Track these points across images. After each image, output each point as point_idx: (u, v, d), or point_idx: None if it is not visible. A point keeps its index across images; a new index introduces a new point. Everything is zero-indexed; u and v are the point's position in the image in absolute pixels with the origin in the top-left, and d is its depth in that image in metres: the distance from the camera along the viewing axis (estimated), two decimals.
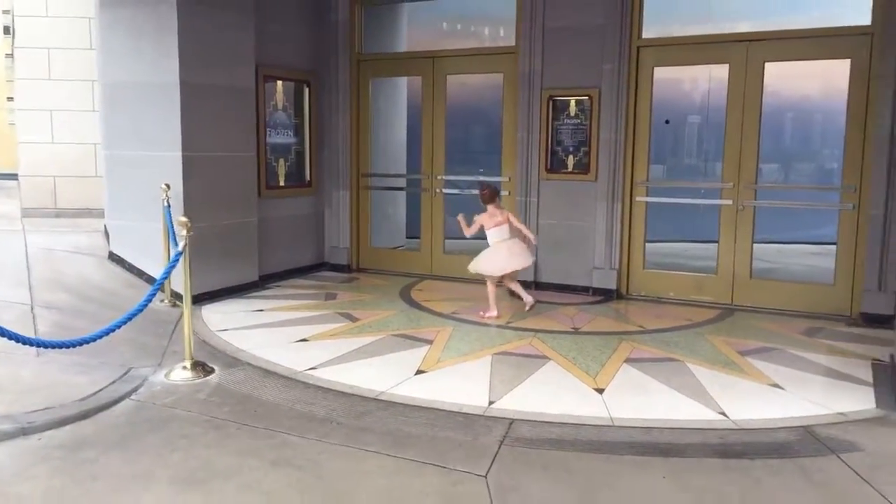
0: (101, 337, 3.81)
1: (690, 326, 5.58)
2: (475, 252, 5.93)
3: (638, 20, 6.30)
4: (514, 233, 5.82)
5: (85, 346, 3.83)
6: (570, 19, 6.49)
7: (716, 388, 4.14)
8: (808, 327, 5.54)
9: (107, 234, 6.65)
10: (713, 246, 6.41)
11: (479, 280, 6.04)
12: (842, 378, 4.35)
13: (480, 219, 5.76)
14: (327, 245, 7.92)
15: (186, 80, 5.81)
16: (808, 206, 6.49)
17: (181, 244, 4.13)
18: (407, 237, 8.86)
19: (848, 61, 5.65)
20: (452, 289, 6.95)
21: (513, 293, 6.11)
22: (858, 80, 5.62)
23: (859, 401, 3.96)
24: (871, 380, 4.31)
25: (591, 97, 6.46)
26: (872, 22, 5.51)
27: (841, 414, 3.76)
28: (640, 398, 4.01)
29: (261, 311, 5.89)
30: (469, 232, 5.76)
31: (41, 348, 4.09)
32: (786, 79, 7.21)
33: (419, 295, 6.65)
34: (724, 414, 3.76)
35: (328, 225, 7.90)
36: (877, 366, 4.55)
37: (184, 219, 4.18)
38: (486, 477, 3.04)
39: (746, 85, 5.98)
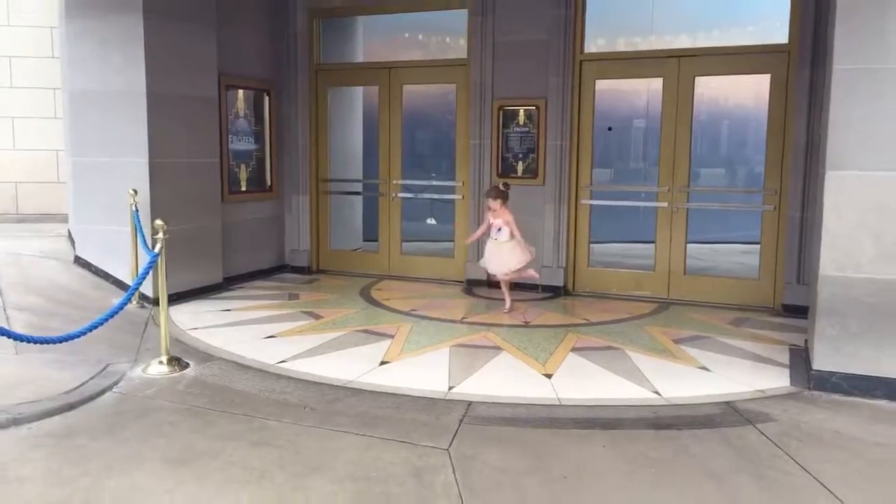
0: (84, 334, 4.06)
1: (630, 319, 6.06)
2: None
3: (580, 36, 6.79)
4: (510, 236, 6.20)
5: (61, 345, 4.07)
6: (518, 34, 6.93)
7: (651, 371, 4.61)
8: (736, 318, 6.09)
9: (71, 238, 6.80)
10: (652, 246, 6.93)
11: (434, 279, 6.42)
12: (762, 361, 4.87)
13: (500, 217, 6.16)
14: (288, 248, 8.19)
15: (153, 89, 6.04)
16: (735, 207, 7.08)
17: (157, 246, 4.39)
18: (364, 240, 9.18)
19: (768, 76, 6.23)
20: (410, 288, 7.32)
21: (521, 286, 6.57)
22: (777, 93, 6.21)
23: (776, 380, 4.47)
24: (787, 362, 4.84)
25: (538, 107, 6.91)
26: (789, 40, 6.10)
27: (759, 391, 4.26)
28: (584, 381, 4.45)
29: (228, 310, 6.15)
30: (476, 237, 6.49)
31: (22, 343, 4.28)
32: (720, 91, 7.81)
33: (378, 294, 6.99)
34: (657, 393, 4.22)
35: (289, 228, 8.17)
36: (794, 350, 5.09)
37: (160, 222, 4.45)
38: (448, 450, 3.41)
39: (679, 97, 6.52)
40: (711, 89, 6.89)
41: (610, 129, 10.25)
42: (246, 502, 2.93)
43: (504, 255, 6.18)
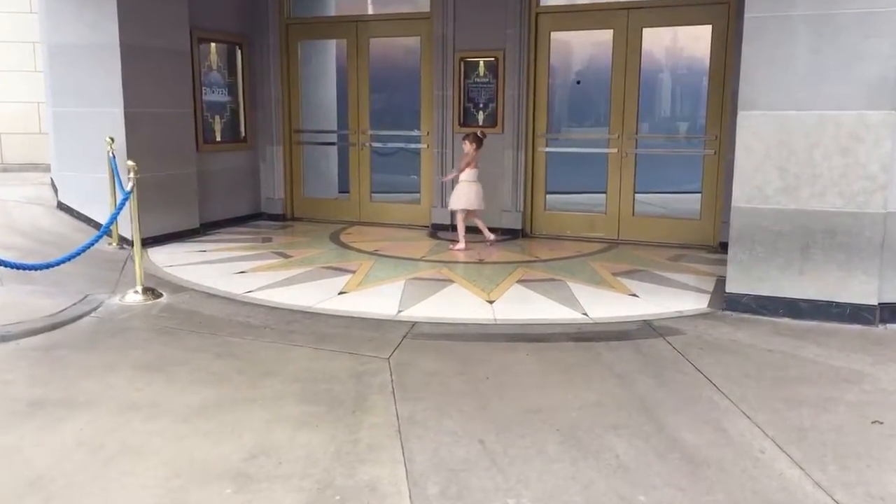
0: (60, 263, 4.48)
1: (579, 256, 6.51)
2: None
3: None
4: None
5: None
6: None
7: (585, 298, 5.07)
8: (676, 254, 6.56)
9: (54, 186, 7.16)
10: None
11: (403, 225, 6.86)
12: (688, 289, 5.34)
13: (466, 158, 6.71)
14: (263, 196, 8.58)
15: (125, 41, 6.35)
16: (679, 153, 7.49)
17: (129, 185, 4.77)
18: (340, 192, 9.54)
19: (710, 27, 6.58)
20: (378, 232, 7.73)
21: (477, 229, 6.98)
22: (718, 43, 6.57)
23: (696, 303, 4.95)
24: (711, 290, 5.30)
25: (497, 58, 7.25)
26: None
27: (678, 312, 4.73)
28: (522, 306, 4.91)
29: (203, 251, 6.56)
30: (452, 176, 6.94)
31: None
32: (667, 42, 8.14)
33: (347, 237, 7.41)
34: (585, 314, 4.68)
35: (264, 178, 8.54)
36: (719, 280, 5.55)
37: (131, 163, 4.82)
38: (388, 359, 3.87)
39: (628, 47, 6.88)
40: (659, 41, 7.23)
41: (578, 82, 10.58)
42: (207, 396, 3.38)
43: (471, 193, 6.64)
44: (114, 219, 4.86)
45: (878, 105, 4.21)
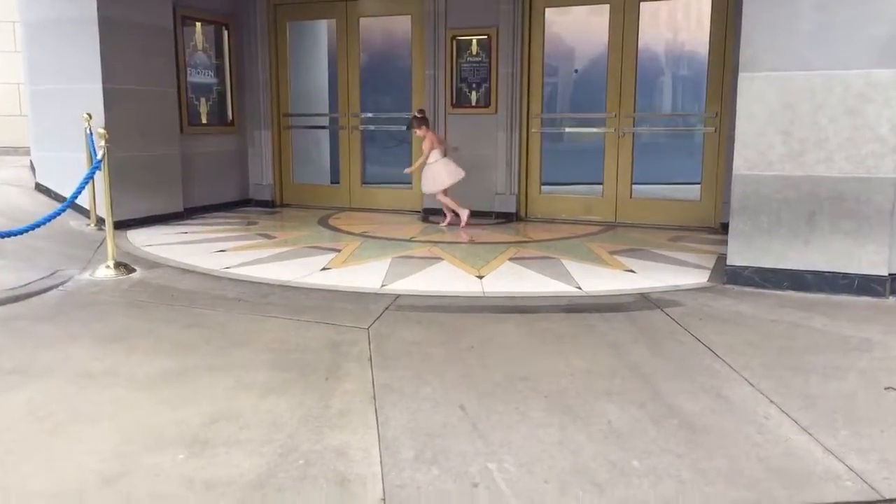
0: (23, 232, 4.25)
1: (574, 237, 6.28)
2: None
3: None
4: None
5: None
6: None
7: (579, 273, 4.84)
8: (675, 235, 6.33)
9: (32, 168, 6.94)
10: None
11: (394, 210, 6.66)
12: (688, 266, 5.11)
13: (425, 143, 6.55)
14: (252, 182, 8.35)
15: (105, 14, 6.13)
16: (679, 130, 7.27)
17: (100, 154, 4.55)
18: (332, 182, 9.31)
19: (709, 1, 6.36)
20: (369, 217, 7.51)
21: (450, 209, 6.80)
22: (718, 17, 6.35)
23: (695, 278, 4.71)
24: (711, 266, 5.07)
25: (489, 36, 7.03)
26: None
27: (675, 286, 4.49)
28: (513, 281, 4.67)
29: (185, 233, 6.33)
30: (416, 167, 6.66)
31: None
32: (666, 18, 7.91)
33: (336, 222, 7.18)
34: (579, 288, 4.45)
35: (252, 163, 8.31)
36: (720, 257, 5.31)
37: (101, 130, 4.60)
38: (367, 329, 3.63)
39: (625, 24, 6.66)
40: (657, 16, 7.01)
41: (576, 71, 10.34)
42: (170, 365, 3.14)
43: (439, 173, 6.43)
44: (81, 188, 4.63)
45: (887, 63, 3.98)
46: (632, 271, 4.91)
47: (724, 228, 6.38)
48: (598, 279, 4.68)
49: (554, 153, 7.30)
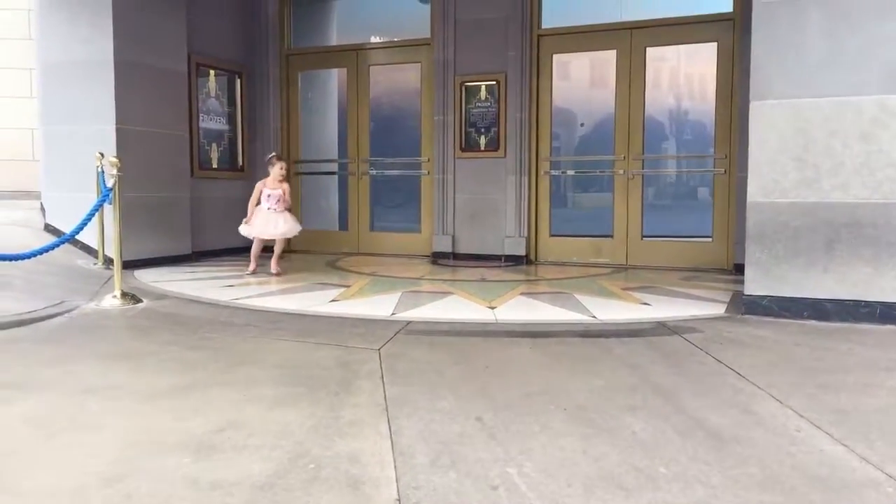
0: (31, 256, 4.20)
1: (585, 277, 6.21)
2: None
3: (538, 12, 7.04)
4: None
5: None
6: (478, 12, 7.19)
7: (593, 305, 4.74)
8: (688, 275, 6.24)
9: (43, 209, 6.95)
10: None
11: (403, 254, 6.62)
12: (704, 300, 5.01)
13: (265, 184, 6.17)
14: None
15: (120, 58, 6.25)
16: (688, 172, 7.28)
17: (111, 182, 4.54)
18: (340, 227, 9.30)
19: (715, 44, 6.46)
20: (378, 261, 7.45)
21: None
22: (724, 60, 6.44)
23: (712, 310, 4.61)
24: (727, 301, 4.97)
25: (498, 81, 7.13)
26: (733, 8, 6.35)
27: (693, 316, 4.39)
28: (525, 311, 4.59)
29: (192, 272, 6.28)
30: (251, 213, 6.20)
31: None
32: (671, 61, 8.03)
33: (344, 264, 7.14)
34: (594, 317, 4.35)
35: None
36: (736, 293, 5.23)
37: (114, 159, 4.61)
38: (379, 350, 3.53)
39: (632, 68, 6.76)
40: (663, 60, 7.12)
41: (582, 124, 10.46)
42: (175, 381, 3.04)
43: (287, 221, 6.25)
44: (91, 216, 4.61)
45: None
46: (647, 304, 4.82)
47: (738, 270, 6.34)
48: (612, 310, 4.58)
49: (562, 211, 7.25)
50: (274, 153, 6.55)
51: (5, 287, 4.82)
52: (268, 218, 6.17)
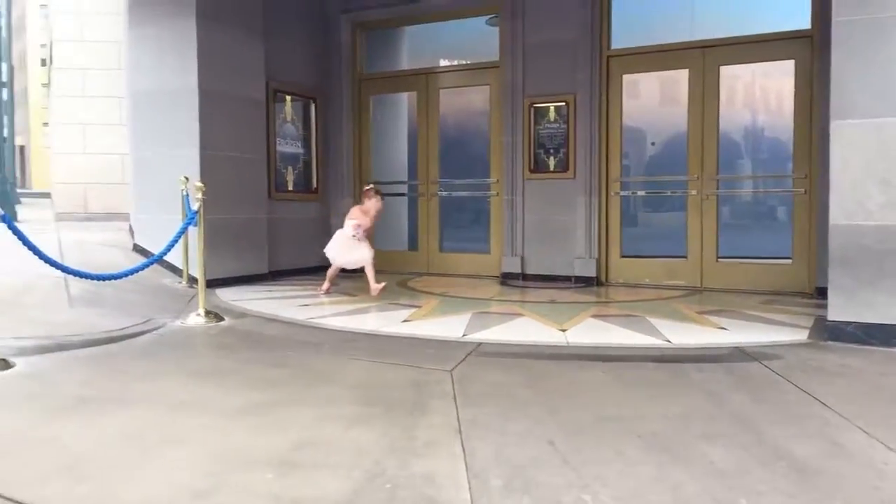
0: (122, 276, 4.44)
1: (658, 299, 6.10)
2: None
3: (607, 33, 7.03)
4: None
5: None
6: (546, 35, 7.23)
7: (667, 329, 4.66)
8: (767, 299, 6.05)
9: (132, 231, 7.34)
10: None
11: (472, 275, 6.68)
12: (784, 325, 4.85)
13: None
14: None
15: (204, 87, 6.56)
16: (765, 192, 7.07)
17: (196, 205, 4.77)
18: (409, 248, 9.43)
19: (792, 62, 6.30)
20: (447, 282, 7.52)
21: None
22: (802, 78, 6.27)
23: (793, 336, 4.46)
24: (809, 326, 4.81)
25: (567, 103, 7.14)
26: (812, 25, 6.19)
27: (773, 342, 4.26)
28: (597, 333, 4.55)
29: (270, 291, 6.50)
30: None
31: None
32: (746, 78, 7.85)
33: (415, 284, 7.23)
34: (668, 341, 4.28)
35: (334, 230, 8.51)
36: (819, 318, 5.04)
37: (199, 183, 4.84)
38: (451, 371, 3.58)
39: (705, 86, 6.65)
40: (738, 77, 6.97)
41: (653, 143, 10.33)
42: (257, 398, 3.16)
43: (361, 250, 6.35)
44: (176, 239, 4.85)
45: None
46: (724, 328, 4.70)
47: (820, 293, 6.11)
48: (688, 334, 4.50)
49: (633, 230, 7.16)
50: (372, 185, 6.72)
51: (98, 304, 5.11)
52: (343, 244, 6.34)
